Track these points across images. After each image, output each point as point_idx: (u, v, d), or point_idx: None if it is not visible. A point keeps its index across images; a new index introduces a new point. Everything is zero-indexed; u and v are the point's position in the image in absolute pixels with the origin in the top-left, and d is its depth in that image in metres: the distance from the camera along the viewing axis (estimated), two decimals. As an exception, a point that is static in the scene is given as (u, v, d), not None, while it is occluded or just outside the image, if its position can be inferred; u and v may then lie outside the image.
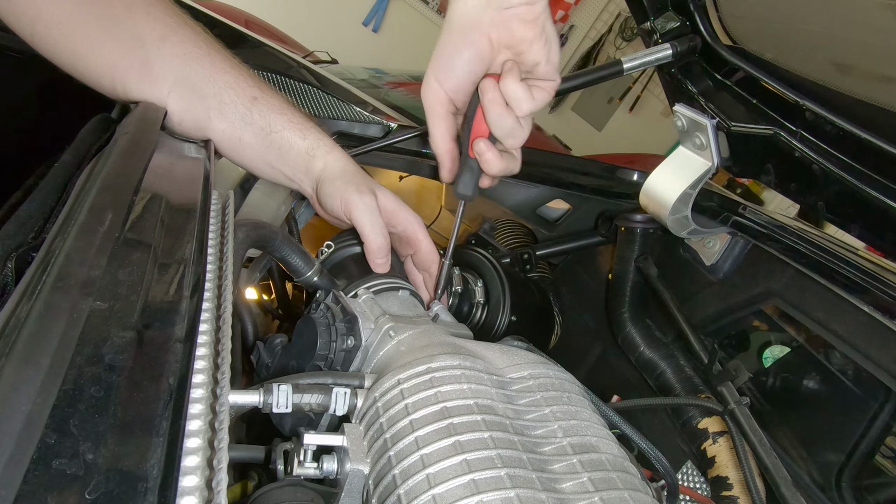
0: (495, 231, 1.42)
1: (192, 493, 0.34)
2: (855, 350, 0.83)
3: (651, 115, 5.77)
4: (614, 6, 5.54)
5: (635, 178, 1.29)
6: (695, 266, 1.09)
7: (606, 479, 0.52)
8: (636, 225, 1.12)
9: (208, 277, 0.53)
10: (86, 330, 0.36)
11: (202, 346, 0.45)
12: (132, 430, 0.33)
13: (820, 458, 0.89)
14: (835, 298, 0.86)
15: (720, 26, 0.93)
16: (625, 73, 0.93)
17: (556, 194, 1.29)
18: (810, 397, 0.97)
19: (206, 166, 0.68)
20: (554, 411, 0.59)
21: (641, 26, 0.98)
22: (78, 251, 0.41)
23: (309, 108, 1.15)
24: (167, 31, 0.73)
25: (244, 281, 0.83)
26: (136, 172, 0.53)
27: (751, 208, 1.02)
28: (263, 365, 0.71)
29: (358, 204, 0.78)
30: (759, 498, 0.82)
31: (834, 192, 0.83)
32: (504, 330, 0.99)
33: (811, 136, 0.85)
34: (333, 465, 0.52)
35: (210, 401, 0.41)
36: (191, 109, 0.76)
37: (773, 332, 1.05)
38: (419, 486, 0.47)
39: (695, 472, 1.00)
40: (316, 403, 0.57)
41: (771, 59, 0.89)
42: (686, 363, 1.04)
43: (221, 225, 0.63)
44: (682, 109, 0.95)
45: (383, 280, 0.79)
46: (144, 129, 0.64)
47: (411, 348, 0.64)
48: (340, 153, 0.84)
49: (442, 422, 0.51)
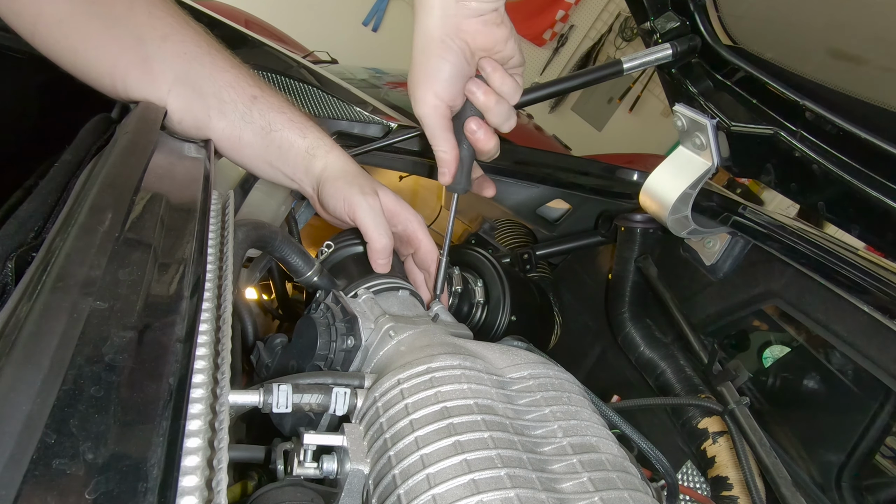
0: (495, 231, 1.42)
1: (192, 493, 0.34)
2: (855, 350, 0.83)
3: (651, 115, 5.77)
4: (614, 6, 5.54)
5: (635, 178, 1.29)
6: (695, 266, 1.09)
7: (606, 479, 0.52)
8: (636, 225, 1.12)
9: (208, 277, 0.53)
10: (86, 330, 0.36)
11: (202, 346, 0.45)
12: (132, 430, 0.33)
13: (820, 458, 0.89)
14: (835, 298, 0.86)
15: (720, 26, 0.93)
16: (625, 73, 0.93)
17: (556, 194, 1.29)
18: (810, 397, 0.97)
19: (206, 166, 0.68)
20: (554, 411, 0.59)
21: (641, 26, 0.98)
22: (78, 251, 0.41)
23: (309, 108, 1.15)
24: (168, 30, 0.74)
25: (244, 281, 0.83)
26: (136, 172, 0.53)
27: (751, 208, 1.02)
28: (263, 365, 0.71)
29: (362, 205, 0.78)
30: (759, 498, 0.82)
31: (834, 192, 0.83)
32: (504, 330, 0.99)
33: (811, 136, 0.85)
34: (333, 465, 0.52)
35: (210, 401, 0.41)
36: (190, 108, 0.76)
37: (773, 332, 1.05)
38: (419, 486, 0.47)
39: (695, 472, 1.00)
40: (316, 403, 0.57)
41: (771, 59, 0.89)
42: (686, 363, 1.04)
43: (221, 225, 0.63)
44: (682, 109, 0.95)
45: (383, 280, 0.79)
46: (144, 129, 0.64)
47: (411, 348, 0.64)
48: (340, 153, 0.84)
49: (442, 422, 0.51)
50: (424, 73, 0.75)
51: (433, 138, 0.80)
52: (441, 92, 0.76)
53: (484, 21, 0.72)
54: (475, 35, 0.73)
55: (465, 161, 0.81)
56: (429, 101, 0.76)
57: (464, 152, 0.81)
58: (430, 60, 0.74)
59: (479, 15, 0.71)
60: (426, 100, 0.76)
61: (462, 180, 0.82)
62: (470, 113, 0.78)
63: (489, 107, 0.77)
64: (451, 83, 0.75)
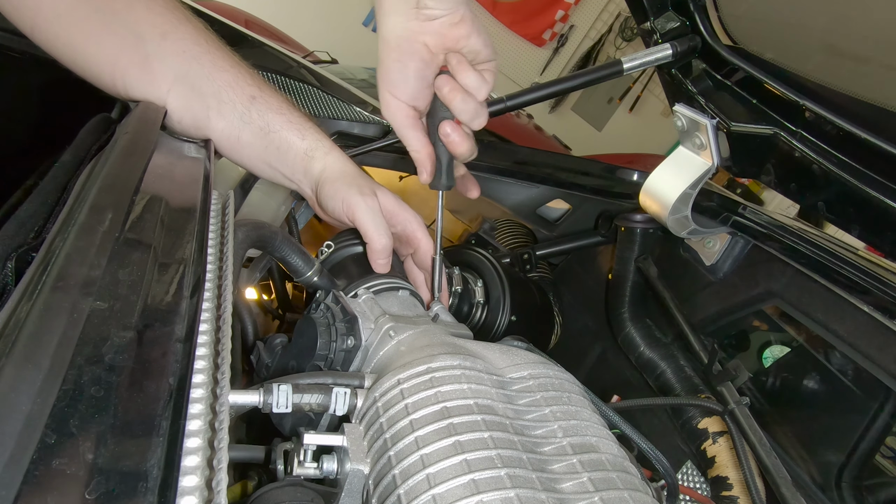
0: (495, 231, 1.42)
1: (192, 493, 0.34)
2: (855, 350, 0.83)
3: (651, 115, 5.78)
4: (614, 6, 5.55)
5: (635, 178, 1.29)
6: (695, 266, 1.09)
7: (606, 479, 0.52)
8: (636, 225, 1.12)
9: (208, 277, 0.53)
10: (86, 330, 0.36)
11: (202, 346, 0.45)
12: (132, 430, 0.33)
13: (820, 458, 0.89)
14: (835, 298, 0.86)
15: (720, 26, 0.93)
16: (625, 73, 0.93)
17: (556, 194, 1.29)
18: (810, 397, 0.97)
19: (206, 166, 0.68)
20: (554, 411, 0.59)
21: (641, 26, 0.98)
22: (78, 251, 0.41)
23: (309, 108, 1.15)
24: (168, 27, 0.73)
25: (244, 281, 0.83)
26: (136, 172, 0.53)
27: (751, 208, 1.02)
28: (263, 365, 0.71)
29: (361, 205, 0.78)
30: (759, 498, 0.82)
31: (834, 192, 0.83)
32: (504, 330, 0.99)
33: (811, 136, 0.85)
34: (333, 465, 0.52)
35: (210, 401, 0.41)
36: (190, 108, 0.76)
37: (773, 332, 1.05)
38: (419, 486, 0.47)
39: (695, 472, 1.00)
40: (316, 403, 0.57)
41: (771, 59, 0.89)
42: (686, 363, 1.04)
43: (221, 225, 0.63)
44: (682, 109, 0.95)
45: (383, 280, 0.79)
46: (144, 129, 0.64)
47: (411, 348, 0.64)
48: (339, 154, 0.84)
49: (442, 422, 0.51)
50: (383, 76, 0.77)
51: (402, 139, 0.81)
52: (400, 94, 0.77)
53: (440, 23, 0.72)
54: (433, 36, 0.73)
55: (443, 159, 0.81)
56: (390, 104, 0.78)
57: (440, 150, 0.81)
58: (387, 63, 0.75)
59: (436, 19, 0.72)
60: (387, 102, 0.78)
61: (442, 177, 0.82)
62: (443, 112, 0.79)
63: (454, 102, 0.76)
64: (409, 84, 0.76)
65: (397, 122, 0.80)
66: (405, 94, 0.77)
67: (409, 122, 0.79)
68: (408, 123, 0.79)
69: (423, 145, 0.80)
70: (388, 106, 0.79)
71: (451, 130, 0.78)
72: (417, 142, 0.80)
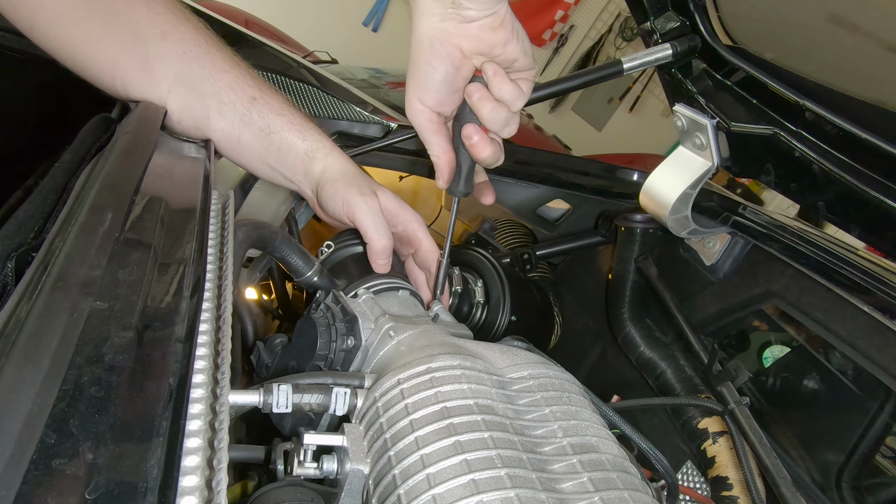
0: (495, 231, 1.42)
1: (192, 493, 0.34)
2: (855, 350, 0.83)
3: (651, 115, 5.77)
4: (614, 6, 5.54)
5: (635, 178, 1.29)
6: (695, 266, 1.09)
7: (606, 479, 0.52)
8: (636, 225, 1.12)
9: (208, 277, 0.53)
10: (86, 330, 0.36)
11: (202, 346, 0.45)
12: (132, 430, 0.33)
13: (820, 458, 0.89)
14: (835, 298, 0.86)
15: (720, 26, 0.93)
16: (625, 73, 0.93)
17: (556, 194, 1.29)
18: (810, 397, 0.97)
19: (206, 166, 0.68)
20: (554, 411, 0.59)
21: (641, 26, 0.98)
22: (78, 251, 0.41)
23: (309, 108, 1.14)
24: (167, 27, 0.73)
25: (244, 281, 0.83)
26: (136, 172, 0.53)
27: (751, 208, 1.02)
28: (263, 365, 0.71)
29: (361, 206, 0.78)
30: (759, 498, 0.82)
31: (834, 192, 0.83)
32: (504, 330, 0.99)
33: (811, 136, 0.85)
34: (333, 465, 0.52)
35: (210, 401, 0.41)
36: (190, 109, 0.75)
37: (773, 332, 1.05)
38: (419, 486, 0.47)
39: (695, 472, 1.00)
40: (316, 403, 0.57)
41: (771, 59, 0.89)
42: (686, 363, 1.04)
43: (221, 225, 0.63)
44: (682, 109, 0.95)
45: (383, 280, 0.79)
46: (144, 129, 0.64)
47: (411, 348, 0.64)
48: (340, 155, 0.84)
49: (442, 422, 0.51)
50: (413, 78, 0.74)
51: (425, 143, 0.79)
52: (426, 98, 0.75)
53: (479, 26, 0.69)
54: (469, 39, 0.70)
55: (464, 165, 0.79)
56: (416, 108, 0.76)
57: (462, 156, 0.79)
58: (418, 66, 0.73)
59: (474, 21, 0.69)
60: (413, 105, 0.76)
61: (460, 184, 0.80)
62: (469, 117, 0.76)
63: (484, 111, 0.74)
64: (437, 89, 0.74)
65: (419, 125, 0.77)
66: (430, 99, 0.75)
67: (431, 126, 0.77)
68: (430, 128, 0.77)
69: (444, 151, 0.78)
70: (413, 110, 0.76)
71: (474, 133, 0.76)
72: (438, 147, 0.78)
